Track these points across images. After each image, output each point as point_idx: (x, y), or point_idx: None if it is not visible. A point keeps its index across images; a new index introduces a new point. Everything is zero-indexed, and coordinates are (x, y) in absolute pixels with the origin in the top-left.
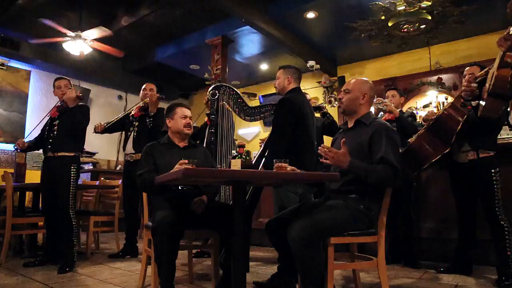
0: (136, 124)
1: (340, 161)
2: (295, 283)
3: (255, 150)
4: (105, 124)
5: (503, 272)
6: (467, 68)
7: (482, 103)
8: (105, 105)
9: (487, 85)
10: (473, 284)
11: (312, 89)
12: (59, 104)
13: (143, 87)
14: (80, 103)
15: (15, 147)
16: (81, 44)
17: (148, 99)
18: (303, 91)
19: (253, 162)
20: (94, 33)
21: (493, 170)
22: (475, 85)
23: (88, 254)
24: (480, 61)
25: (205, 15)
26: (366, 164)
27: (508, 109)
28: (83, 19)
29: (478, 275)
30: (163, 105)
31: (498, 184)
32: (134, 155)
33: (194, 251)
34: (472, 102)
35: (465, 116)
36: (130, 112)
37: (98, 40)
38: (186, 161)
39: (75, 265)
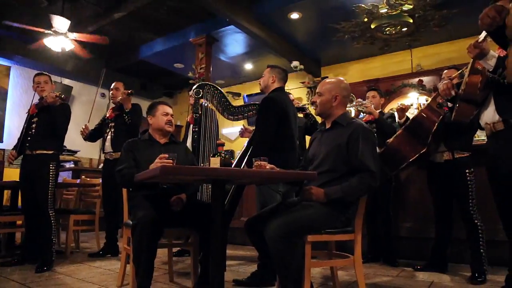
0: (112, 124)
1: (317, 196)
2: (274, 281)
3: (239, 149)
4: (88, 131)
5: (476, 269)
6: (445, 71)
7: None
8: (87, 103)
9: (460, 90)
10: (448, 281)
11: (296, 90)
12: (37, 101)
13: (111, 86)
14: (62, 102)
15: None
16: (62, 40)
17: (119, 99)
18: (287, 91)
19: (235, 161)
20: (88, 38)
21: (467, 171)
22: (453, 93)
23: (68, 253)
24: (460, 64)
25: (190, 13)
26: (340, 185)
27: None
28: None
29: (453, 272)
30: (146, 103)
31: (473, 184)
32: (113, 154)
33: (175, 249)
34: (448, 104)
35: (441, 117)
36: (105, 116)
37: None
38: (166, 155)
39: (54, 264)
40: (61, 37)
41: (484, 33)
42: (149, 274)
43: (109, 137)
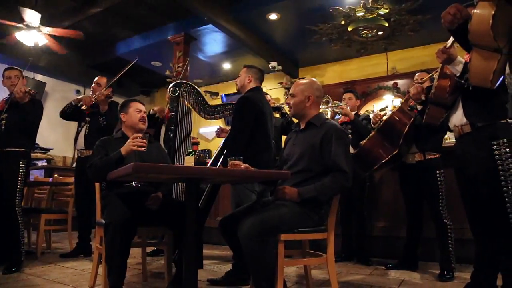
0: (88, 120)
1: (290, 195)
2: (249, 280)
3: (216, 149)
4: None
5: (445, 267)
6: (417, 74)
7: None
8: (62, 100)
9: (430, 93)
10: (418, 279)
11: (273, 90)
12: (7, 96)
13: (94, 79)
14: (33, 98)
15: None
16: (35, 34)
17: (98, 95)
18: (264, 91)
19: (211, 160)
20: (62, 32)
21: (438, 172)
22: (423, 97)
23: (38, 254)
24: (433, 68)
25: (168, 11)
26: (313, 185)
27: None
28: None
29: (423, 270)
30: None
31: (443, 185)
32: (84, 151)
33: (150, 249)
34: (418, 106)
35: (412, 119)
36: (81, 105)
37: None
38: (140, 134)
39: (23, 265)
40: (34, 31)
41: (451, 39)
42: (122, 273)
43: (83, 133)
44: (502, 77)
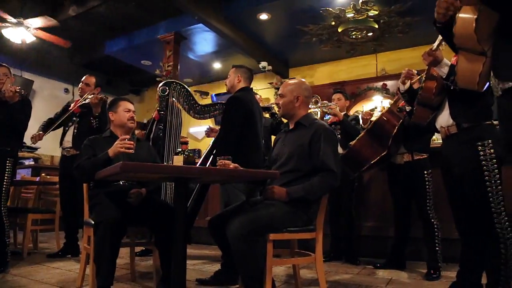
0: (77, 120)
1: (279, 195)
2: (238, 280)
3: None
4: (42, 133)
5: (432, 266)
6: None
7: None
8: (50, 98)
9: (418, 94)
10: (406, 278)
11: (263, 90)
12: None
13: (82, 78)
14: (22, 98)
15: None
16: (23, 31)
17: (89, 97)
18: (255, 91)
19: (200, 160)
20: (38, 21)
21: (425, 172)
22: (408, 82)
23: (25, 254)
24: (422, 70)
25: (158, 10)
26: (302, 185)
27: None
28: (26, 5)
29: (411, 269)
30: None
31: (430, 185)
32: (70, 150)
33: (140, 249)
34: (407, 108)
35: (401, 120)
36: (69, 108)
37: (43, 29)
38: (128, 136)
39: (9, 265)
40: (21, 29)
41: (437, 42)
42: (111, 273)
43: (71, 132)
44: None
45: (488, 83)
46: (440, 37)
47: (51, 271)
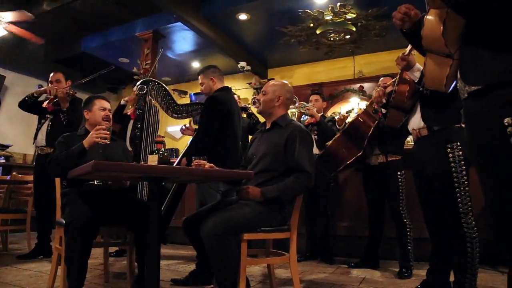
0: (51, 117)
1: (254, 195)
2: (212, 279)
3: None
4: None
5: (404, 265)
6: (381, 79)
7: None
8: (22, 94)
9: (391, 98)
10: (379, 276)
11: (242, 90)
12: None
13: (50, 77)
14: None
15: None
16: None
17: (58, 92)
18: (233, 91)
19: (178, 159)
20: (11, 15)
21: (399, 173)
22: (384, 100)
23: None
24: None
25: (136, 7)
26: (276, 185)
27: None
28: None
29: (384, 268)
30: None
31: (403, 186)
32: (45, 148)
33: (114, 249)
34: (382, 110)
35: (376, 122)
36: (41, 101)
37: (16, 23)
38: (103, 126)
39: None
40: None
41: (409, 47)
42: (82, 274)
43: (44, 129)
44: (455, 82)
45: (453, 85)
46: None
47: (21, 272)
